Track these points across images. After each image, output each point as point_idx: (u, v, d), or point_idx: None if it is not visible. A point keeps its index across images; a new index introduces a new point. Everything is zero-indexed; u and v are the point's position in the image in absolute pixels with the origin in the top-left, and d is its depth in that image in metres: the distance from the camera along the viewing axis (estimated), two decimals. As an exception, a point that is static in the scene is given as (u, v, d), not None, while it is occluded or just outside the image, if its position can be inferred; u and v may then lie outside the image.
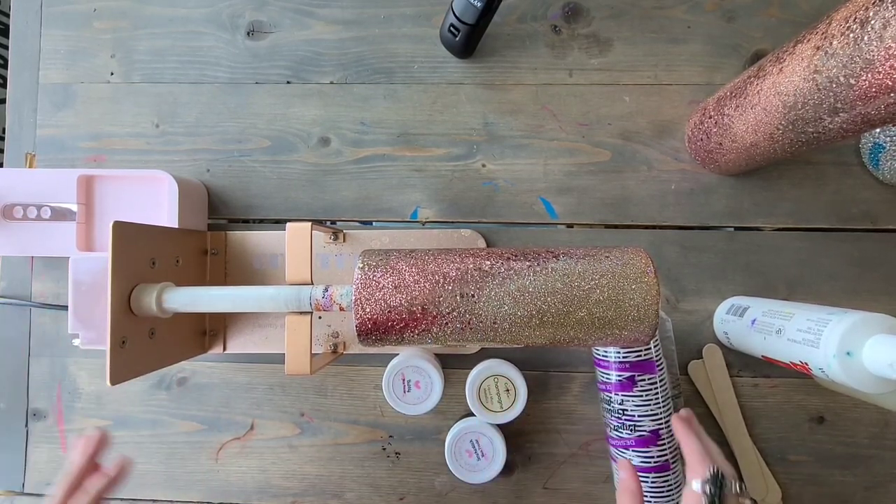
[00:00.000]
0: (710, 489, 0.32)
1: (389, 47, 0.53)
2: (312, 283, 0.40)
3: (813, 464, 0.49)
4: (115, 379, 0.38)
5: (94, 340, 0.47)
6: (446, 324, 0.35)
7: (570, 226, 0.52)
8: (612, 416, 0.44)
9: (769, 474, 0.49)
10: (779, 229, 0.51)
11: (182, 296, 0.39)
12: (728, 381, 0.49)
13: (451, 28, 0.48)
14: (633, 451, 0.42)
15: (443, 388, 0.45)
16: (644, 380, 0.42)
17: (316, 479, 0.51)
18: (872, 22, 0.29)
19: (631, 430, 0.42)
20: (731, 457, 0.49)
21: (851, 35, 0.30)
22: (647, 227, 0.51)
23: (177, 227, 0.47)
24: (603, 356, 0.44)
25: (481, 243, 0.50)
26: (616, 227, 0.52)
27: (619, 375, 0.43)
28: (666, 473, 0.42)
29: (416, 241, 0.50)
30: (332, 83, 0.53)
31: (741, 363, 0.50)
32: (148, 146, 0.54)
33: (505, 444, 0.46)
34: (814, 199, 0.50)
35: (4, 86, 0.58)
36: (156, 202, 0.49)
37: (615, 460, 0.44)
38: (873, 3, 0.29)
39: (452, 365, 0.51)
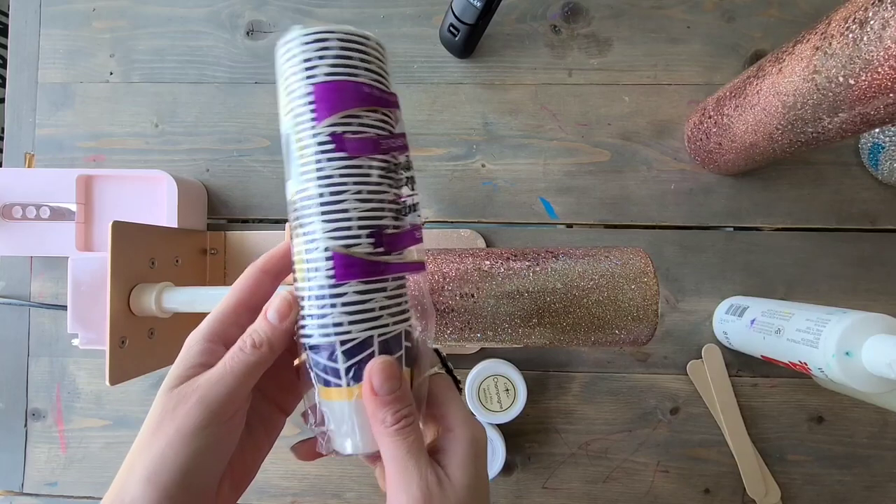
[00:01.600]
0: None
1: (389, 47, 0.52)
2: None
3: (812, 463, 0.49)
4: (115, 379, 0.38)
5: (94, 340, 0.47)
6: (446, 324, 0.35)
7: (569, 226, 0.52)
8: None
9: (768, 474, 0.49)
10: (778, 229, 0.51)
11: (181, 295, 0.39)
12: (727, 381, 0.49)
13: (451, 28, 0.48)
14: None
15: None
16: None
17: (316, 478, 0.51)
18: (871, 22, 0.29)
19: None
20: (730, 456, 0.49)
21: (850, 35, 0.30)
22: (646, 227, 0.51)
23: (176, 226, 0.47)
24: None
25: (481, 243, 0.50)
26: (615, 227, 0.52)
27: None
28: None
29: (415, 241, 0.50)
30: (331, 83, 0.53)
31: (740, 363, 0.50)
32: (147, 146, 0.53)
33: (504, 444, 0.46)
34: (813, 199, 0.50)
35: (3, 85, 0.58)
36: (155, 202, 0.49)
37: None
38: (872, 4, 0.29)
39: (452, 364, 0.51)
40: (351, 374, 0.23)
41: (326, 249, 0.23)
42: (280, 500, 0.51)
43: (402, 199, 0.25)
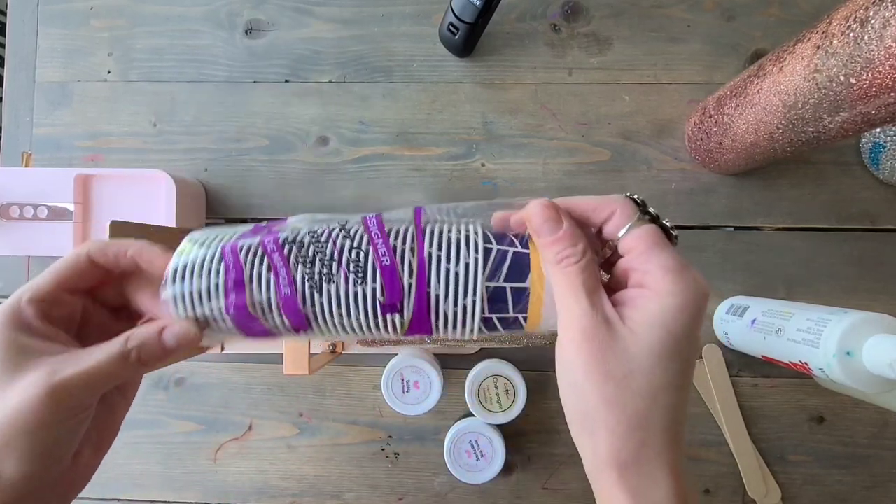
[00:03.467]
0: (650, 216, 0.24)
1: (388, 46, 0.53)
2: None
3: (812, 464, 0.49)
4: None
5: (92, 340, 0.47)
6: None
7: (569, 225, 0.52)
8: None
9: (769, 474, 0.49)
10: (778, 229, 0.51)
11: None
12: (728, 381, 0.49)
13: (451, 27, 0.48)
14: None
15: (442, 388, 0.45)
16: None
17: (314, 479, 0.51)
18: (872, 21, 0.29)
19: None
20: (730, 456, 0.49)
21: (852, 34, 0.30)
22: (646, 227, 0.51)
23: (174, 226, 0.47)
24: None
25: (480, 243, 0.50)
26: (615, 226, 0.51)
27: None
28: None
29: (414, 241, 0.50)
30: (330, 82, 0.53)
31: (741, 363, 0.50)
32: (145, 145, 0.53)
33: (504, 445, 0.46)
34: (813, 199, 0.50)
35: (1, 84, 0.58)
36: (153, 201, 0.49)
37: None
38: (873, 3, 0.29)
39: (452, 365, 0.51)
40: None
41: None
42: (278, 500, 0.51)
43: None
